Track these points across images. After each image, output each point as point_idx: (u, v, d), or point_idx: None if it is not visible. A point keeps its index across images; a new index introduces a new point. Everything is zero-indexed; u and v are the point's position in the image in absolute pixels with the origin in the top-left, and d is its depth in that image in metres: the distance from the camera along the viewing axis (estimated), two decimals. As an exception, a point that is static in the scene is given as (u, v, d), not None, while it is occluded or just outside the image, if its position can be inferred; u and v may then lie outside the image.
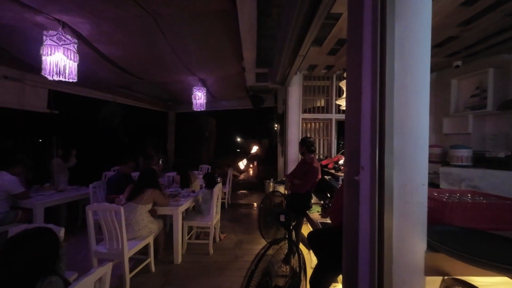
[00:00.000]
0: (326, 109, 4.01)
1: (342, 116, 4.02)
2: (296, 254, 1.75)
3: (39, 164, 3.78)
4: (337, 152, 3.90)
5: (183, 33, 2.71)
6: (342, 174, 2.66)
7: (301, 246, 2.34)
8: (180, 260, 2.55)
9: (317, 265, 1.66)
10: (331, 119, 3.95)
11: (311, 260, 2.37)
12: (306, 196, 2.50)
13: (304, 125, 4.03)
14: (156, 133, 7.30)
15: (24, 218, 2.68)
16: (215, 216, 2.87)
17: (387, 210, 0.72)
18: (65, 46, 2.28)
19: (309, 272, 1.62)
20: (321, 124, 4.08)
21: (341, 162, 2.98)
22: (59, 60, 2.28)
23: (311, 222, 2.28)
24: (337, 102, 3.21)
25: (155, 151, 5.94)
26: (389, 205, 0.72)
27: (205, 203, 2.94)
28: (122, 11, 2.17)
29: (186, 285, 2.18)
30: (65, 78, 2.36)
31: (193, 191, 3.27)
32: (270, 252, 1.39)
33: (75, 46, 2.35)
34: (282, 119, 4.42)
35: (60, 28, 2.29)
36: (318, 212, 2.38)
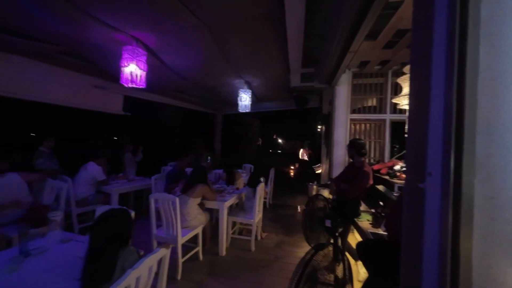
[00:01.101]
0: (378, 108, 3.65)
1: (399, 116, 3.59)
2: (342, 263, 1.65)
3: (115, 157, 4.56)
4: (391, 157, 3.50)
5: (233, 39, 2.87)
6: (399, 181, 2.37)
7: (347, 255, 2.19)
8: (224, 252, 2.71)
9: (367, 280, 1.53)
10: (384, 120, 3.58)
11: (358, 272, 2.19)
12: (354, 202, 2.32)
13: (353, 126, 3.76)
14: (205, 134, 7.91)
15: (104, 200, 3.27)
16: (257, 215, 2.94)
17: (464, 227, 0.59)
18: (138, 58, 2.70)
19: (356, 285, 1.50)
20: (372, 125, 3.74)
21: (397, 167, 2.67)
22: (133, 70, 2.72)
23: (360, 231, 2.11)
24: (394, 101, 2.88)
25: (204, 150, 6.44)
26: (468, 221, 0.59)
27: (248, 200, 3.04)
28: (182, 23, 2.44)
29: (229, 277, 2.30)
30: (137, 85, 2.80)
31: (237, 189, 3.42)
32: (316, 258, 1.35)
33: (145, 57, 2.77)
34: (328, 120, 4.22)
35: (134, 43, 2.73)
36: (368, 221, 2.18)
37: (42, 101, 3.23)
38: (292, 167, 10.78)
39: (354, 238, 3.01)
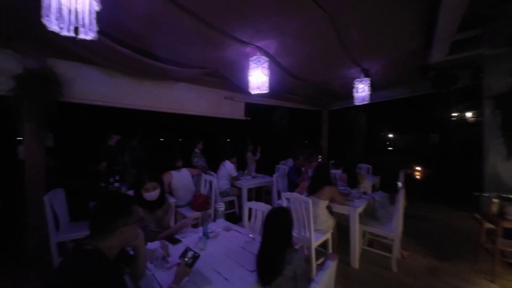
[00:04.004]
0: None
1: None
2: None
3: (238, 157, 5.33)
4: None
5: (353, 22, 2.50)
6: None
7: None
8: (357, 265, 2.40)
9: None
10: None
11: None
12: None
13: None
14: (311, 132, 7.76)
15: (237, 193, 3.84)
16: (398, 228, 2.39)
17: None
18: (261, 65, 2.92)
19: None
20: None
21: None
22: (258, 78, 2.96)
23: None
24: None
25: (314, 149, 6.29)
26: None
27: (382, 208, 2.55)
28: (303, 20, 2.37)
29: (372, 298, 1.98)
30: (261, 91, 3.04)
31: (364, 193, 2.97)
32: None
33: (267, 64, 2.95)
34: (508, 100, 2.83)
35: (258, 53, 2.98)
36: None
37: (194, 114, 4.24)
38: (417, 168, 8.58)
39: None
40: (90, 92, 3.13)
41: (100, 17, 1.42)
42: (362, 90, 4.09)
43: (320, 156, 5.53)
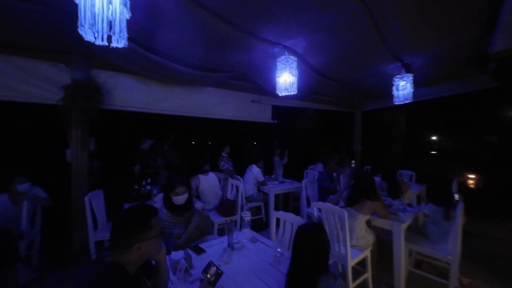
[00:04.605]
0: None
1: None
2: None
3: (265, 161, 5.21)
4: None
5: (395, 10, 2.20)
6: None
7: None
8: (403, 289, 2.07)
9: None
10: None
11: None
12: None
13: None
14: (342, 135, 7.29)
15: (263, 199, 3.72)
16: (457, 250, 2.00)
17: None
18: (290, 65, 2.78)
19: None
20: None
21: None
22: (286, 79, 2.82)
23: None
24: None
25: (345, 153, 5.87)
26: None
27: (434, 224, 2.17)
28: (337, 14, 2.17)
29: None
30: (289, 92, 2.89)
31: (409, 205, 2.60)
32: None
33: (295, 63, 2.79)
34: None
35: (286, 52, 2.84)
36: None
37: (222, 118, 4.26)
38: (470, 175, 7.47)
39: None
40: (127, 99, 3.34)
41: (132, 26, 1.46)
42: (403, 88, 3.65)
43: (353, 161, 5.10)
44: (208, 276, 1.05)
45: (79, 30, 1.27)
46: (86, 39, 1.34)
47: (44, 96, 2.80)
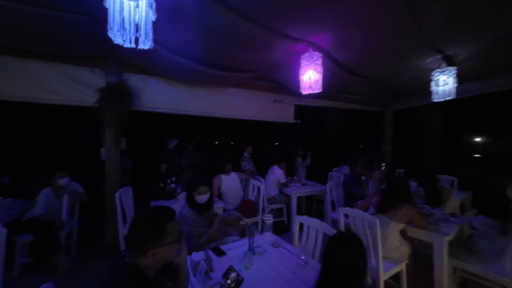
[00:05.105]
0: None
1: None
2: None
3: (287, 162, 5.09)
4: None
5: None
6: None
7: None
8: (446, 311, 1.82)
9: None
10: None
11: None
12: None
13: None
14: (370, 135, 6.85)
15: (285, 201, 3.61)
16: (516, 271, 1.70)
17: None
18: (314, 62, 2.65)
19: None
20: None
21: None
22: (311, 76, 2.70)
23: None
24: None
25: (372, 155, 5.49)
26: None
27: (484, 239, 1.88)
28: (368, 4, 2.00)
29: None
30: (313, 91, 2.76)
31: (452, 214, 2.29)
32: None
33: (321, 60, 2.65)
34: None
35: (310, 49, 2.71)
36: None
37: (244, 118, 4.25)
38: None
39: None
40: (154, 101, 3.50)
41: (156, 28, 1.49)
42: (444, 83, 3.27)
43: (383, 164, 4.73)
44: (228, 282, 1.01)
45: (108, 33, 1.32)
46: (115, 42, 1.40)
47: (83, 99, 3.04)
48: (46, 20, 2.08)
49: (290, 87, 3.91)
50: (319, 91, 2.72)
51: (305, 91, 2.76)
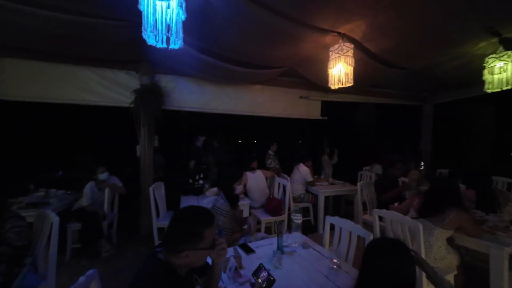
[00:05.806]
0: None
1: None
2: None
3: (314, 160, 4.92)
4: None
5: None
6: None
7: None
8: (506, 334, 1.58)
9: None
10: None
11: None
12: None
13: None
14: (407, 132, 6.30)
15: (312, 200, 3.49)
16: None
17: None
18: (345, 54, 2.48)
19: None
20: None
21: None
22: (341, 69, 2.54)
23: None
24: None
25: (409, 154, 5.04)
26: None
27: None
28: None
29: None
30: (343, 85, 2.60)
31: (512, 223, 1.98)
32: None
33: (352, 50, 2.48)
34: None
35: (340, 40, 2.55)
36: None
37: (269, 116, 4.21)
38: None
39: None
40: (183, 100, 3.64)
41: (185, 28, 1.51)
42: (501, 70, 2.83)
43: (422, 163, 4.31)
44: (260, 281, 0.99)
45: (143, 34, 1.38)
46: (149, 43, 1.46)
47: (121, 100, 3.29)
48: (89, 27, 2.27)
49: (316, 82, 3.75)
50: (350, 85, 2.55)
51: (334, 85, 2.62)
